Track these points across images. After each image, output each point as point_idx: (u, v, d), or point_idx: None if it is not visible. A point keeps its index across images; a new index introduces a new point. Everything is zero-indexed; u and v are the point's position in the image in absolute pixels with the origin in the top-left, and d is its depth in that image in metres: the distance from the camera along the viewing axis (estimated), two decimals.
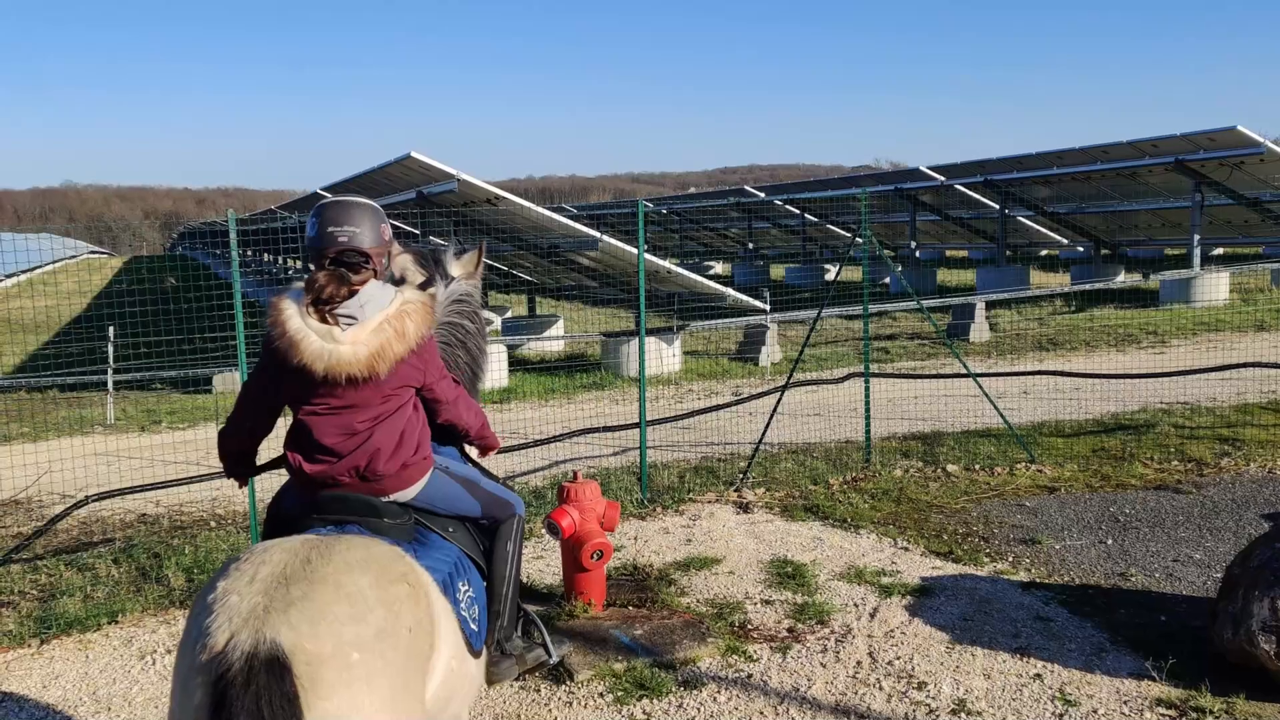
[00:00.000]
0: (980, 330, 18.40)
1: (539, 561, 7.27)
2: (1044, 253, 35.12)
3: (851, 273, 23.43)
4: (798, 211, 34.64)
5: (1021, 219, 29.78)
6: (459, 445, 4.21)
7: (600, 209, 47.55)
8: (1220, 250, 33.26)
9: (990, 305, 20.20)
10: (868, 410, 9.55)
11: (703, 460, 10.02)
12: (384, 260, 3.55)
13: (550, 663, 4.34)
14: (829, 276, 29.77)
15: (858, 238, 9.53)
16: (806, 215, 34.38)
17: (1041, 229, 30.56)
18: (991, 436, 10.13)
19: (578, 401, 13.92)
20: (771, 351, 17.02)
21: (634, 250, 13.55)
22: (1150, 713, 4.77)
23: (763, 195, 41.61)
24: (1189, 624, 5.70)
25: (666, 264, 16.41)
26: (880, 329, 19.77)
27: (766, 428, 9.30)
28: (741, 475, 9.04)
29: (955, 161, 38.68)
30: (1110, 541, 7.17)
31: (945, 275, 30.89)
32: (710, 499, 8.63)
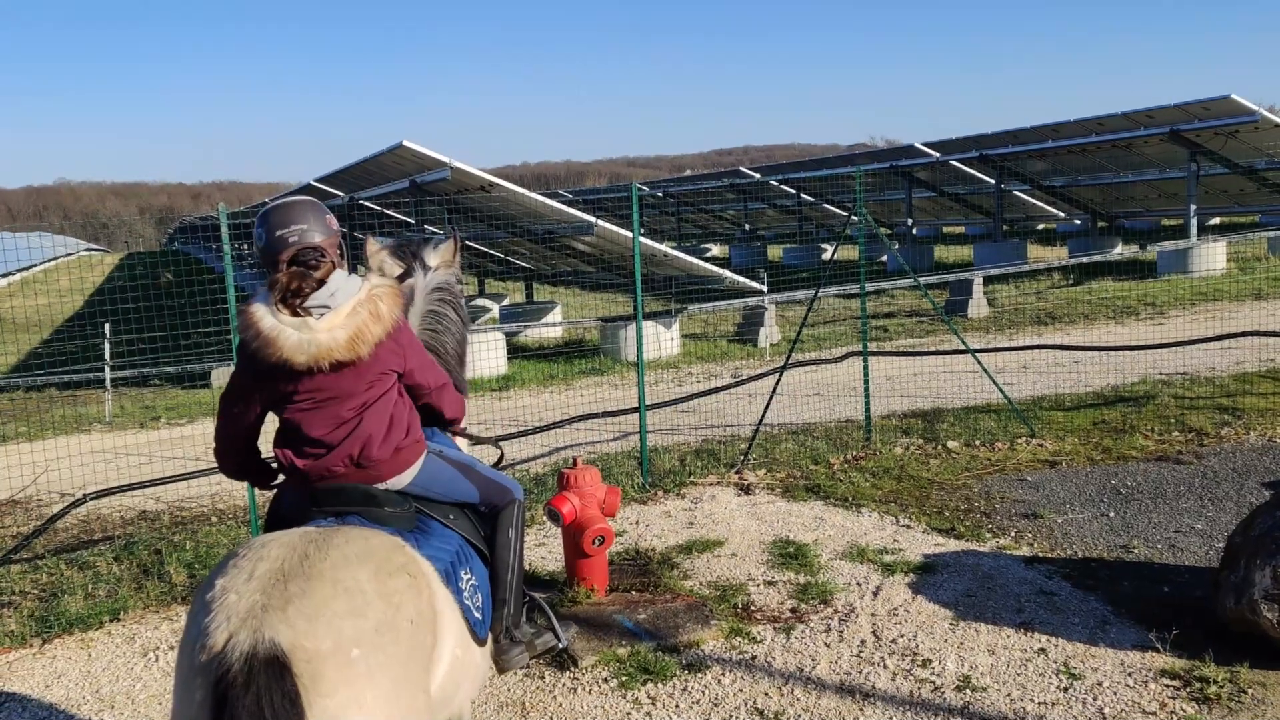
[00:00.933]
0: (978, 306, 18.36)
1: (541, 549, 7.26)
2: (1041, 227, 35.05)
3: (849, 252, 23.40)
4: (793, 191, 34.55)
5: (1018, 193, 29.71)
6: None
7: (595, 194, 47.44)
8: (1217, 220, 33.20)
9: (988, 281, 20.15)
10: (867, 389, 9.53)
11: (703, 443, 10.00)
12: (338, 250, 3.54)
13: (560, 647, 4.36)
14: (826, 256, 29.71)
15: (854, 216, 9.48)
16: (802, 195, 34.29)
17: (1038, 203, 30.49)
18: (991, 412, 10.11)
19: (577, 387, 13.90)
20: (770, 332, 16.99)
21: (630, 234, 13.51)
22: (1155, 684, 4.77)
23: (758, 176, 41.47)
24: (1192, 594, 5.69)
25: (663, 247, 16.36)
26: (878, 307, 19.73)
27: (766, 409, 9.28)
28: (742, 457, 9.02)
29: (950, 137, 38.56)
30: (1112, 514, 7.15)
31: (942, 252, 30.82)
32: (711, 481, 8.62)
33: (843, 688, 4.95)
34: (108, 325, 14.04)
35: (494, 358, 15.35)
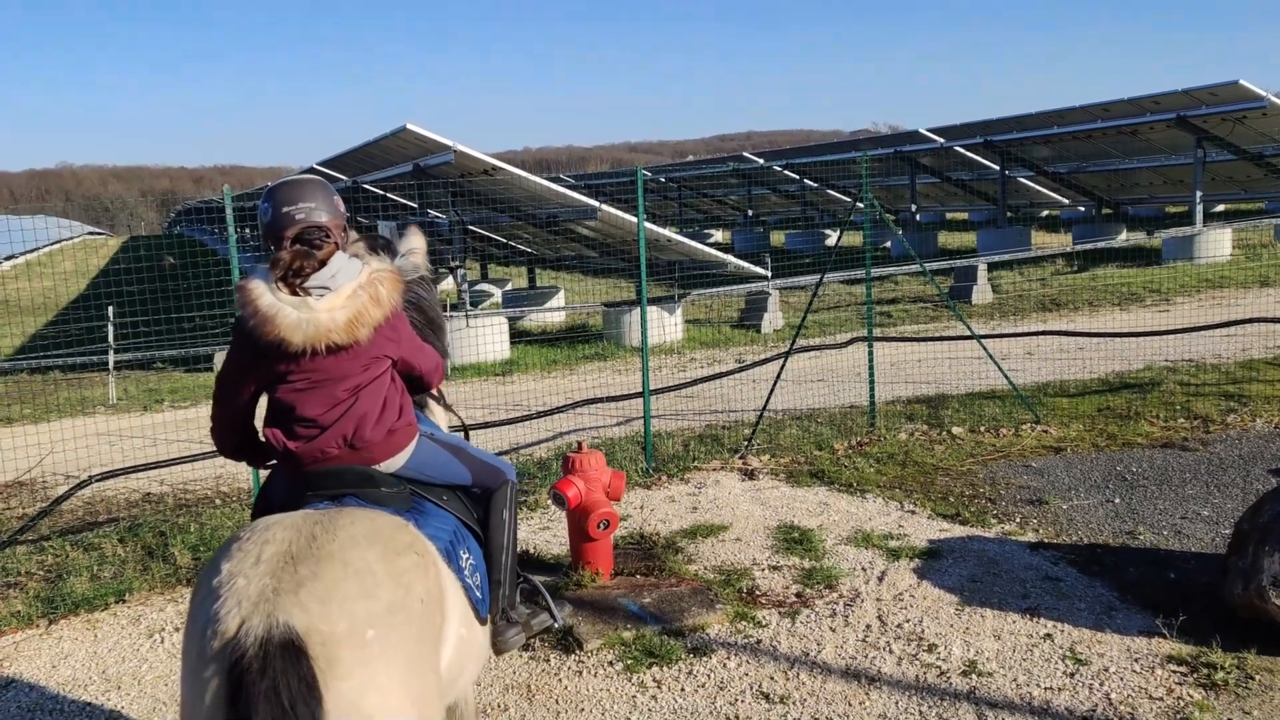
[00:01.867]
0: (983, 292, 18.33)
1: (545, 532, 7.26)
2: (1045, 213, 34.92)
3: (852, 237, 23.33)
4: (797, 177, 34.44)
5: (1022, 180, 29.59)
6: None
7: (598, 179, 47.34)
8: (1222, 207, 33.06)
9: (992, 267, 20.10)
10: (871, 374, 9.51)
11: (707, 428, 9.99)
12: (343, 232, 3.53)
13: (555, 626, 4.33)
14: (829, 242, 29.65)
15: (859, 202, 9.44)
16: (806, 180, 34.17)
17: (1042, 189, 30.37)
18: (996, 398, 10.09)
19: (580, 372, 13.89)
20: (774, 318, 16.97)
21: (633, 219, 13.46)
22: (1162, 670, 4.76)
23: (762, 161, 41.32)
24: (1199, 580, 5.68)
25: (666, 232, 16.32)
26: (882, 293, 19.69)
27: (770, 394, 9.26)
28: (746, 442, 9.01)
29: (955, 123, 38.43)
30: (1118, 500, 7.14)
31: (946, 238, 30.74)
32: (715, 467, 8.61)
33: (848, 672, 4.95)
34: (111, 308, 14.04)
35: (497, 342, 15.33)
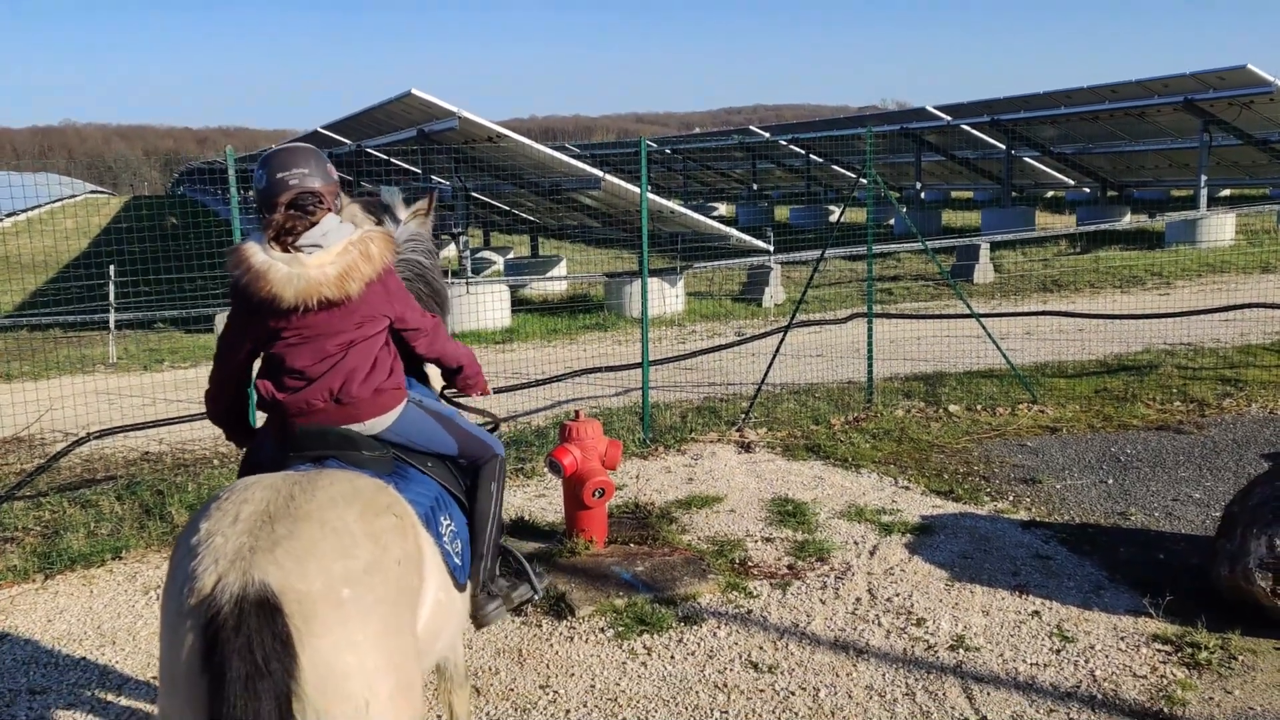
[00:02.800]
0: (984, 271, 18.32)
1: (541, 499, 7.31)
2: (1050, 194, 34.81)
3: (856, 214, 23.30)
4: (802, 152, 34.27)
5: (1028, 159, 29.48)
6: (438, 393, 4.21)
7: (603, 148, 47.13)
8: (1227, 191, 32.98)
9: (995, 246, 20.07)
10: (870, 351, 9.52)
11: (705, 400, 10.02)
12: (336, 199, 3.56)
13: (536, 598, 4.34)
14: (833, 218, 29.57)
15: (862, 178, 9.42)
16: (811, 155, 34.02)
17: (1048, 170, 30.26)
18: (994, 377, 10.11)
19: (581, 342, 13.90)
20: (775, 292, 16.97)
21: (637, 190, 13.44)
22: (1147, 648, 4.81)
23: (767, 135, 41.14)
24: (1188, 562, 5.72)
25: (670, 204, 16.29)
26: (884, 270, 19.68)
27: (769, 368, 9.28)
28: (743, 415, 9.04)
29: (962, 101, 38.22)
30: (1111, 481, 7.18)
31: (950, 216, 30.68)
32: (712, 438, 8.64)
33: (837, 644, 5.00)
34: (112, 267, 14.03)
35: (498, 310, 15.34)
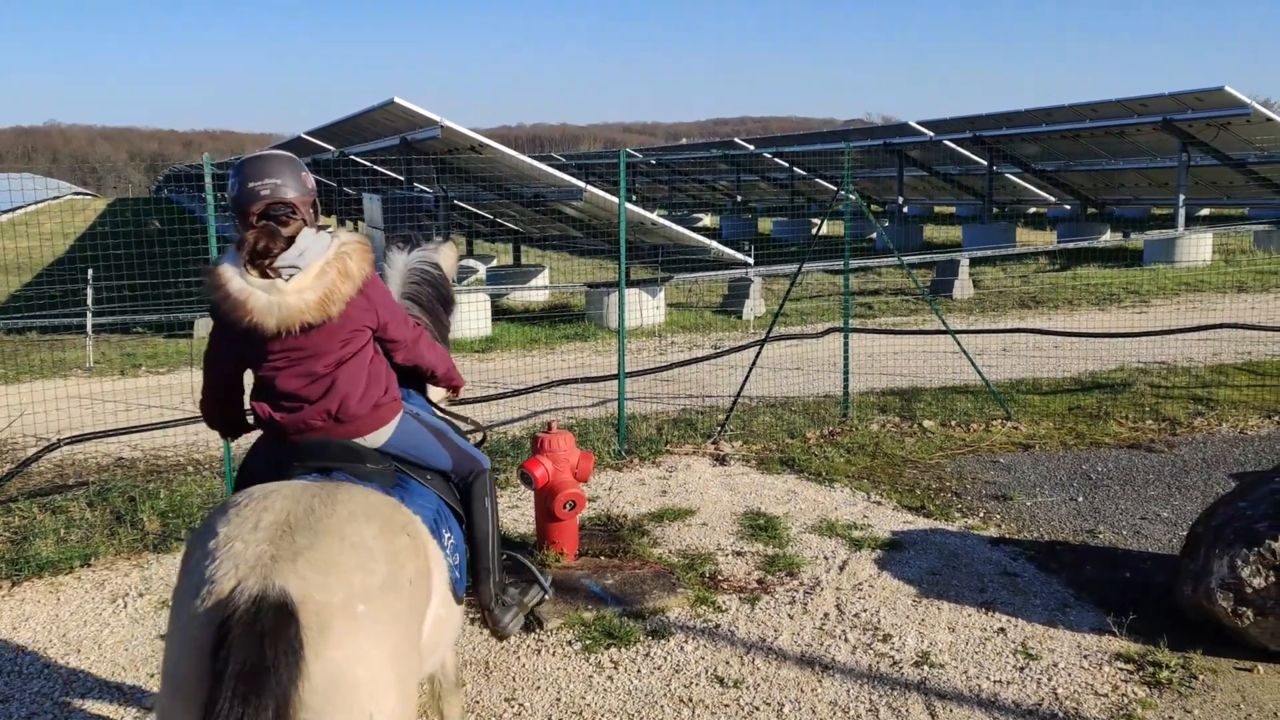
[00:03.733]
0: (964, 287, 18.41)
1: (514, 511, 7.30)
2: (1031, 210, 35.04)
3: (838, 227, 23.35)
4: (786, 165, 34.41)
5: (1009, 176, 29.66)
6: (424, 393, 4.23)
7: (588, 158, 47.19)
8: (1206, 211, 33.22)
9: (974, 262, 20.19)
10: (846, 365, 9.57)
11: (681, 413, 10.04)
12: (311, 209, 3.53)
13: (548, 596, 4.50)
14: (813, 232, 29.65)
15: (841, 192, 9.48)
16: (795, 169, 34.18)
17: (1029, 186, 30.45)
18: (969, 393, 10.17)
19: (560, 352, 13.91)
20: (755, 305, 17.01)
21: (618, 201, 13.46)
22: (1109, 667, 4.85)
23: (752, 148, 41.28)
24: (1153, 580, 5.77)
25: (651, 215, 16.33)
26: (865, 284, 19.76)
27: (745, 381, 9.31)
28: (719, 428, 9.06)
29: (945, 117, 38.43)
30: (1081, 499, 7.23)
31: (932, 231, 30.83)
32: (687, 451, 8.66)
33: (803, 659, 5.02)
34: (90, 271, 13.97)
35: (478, 319, 15.32)
